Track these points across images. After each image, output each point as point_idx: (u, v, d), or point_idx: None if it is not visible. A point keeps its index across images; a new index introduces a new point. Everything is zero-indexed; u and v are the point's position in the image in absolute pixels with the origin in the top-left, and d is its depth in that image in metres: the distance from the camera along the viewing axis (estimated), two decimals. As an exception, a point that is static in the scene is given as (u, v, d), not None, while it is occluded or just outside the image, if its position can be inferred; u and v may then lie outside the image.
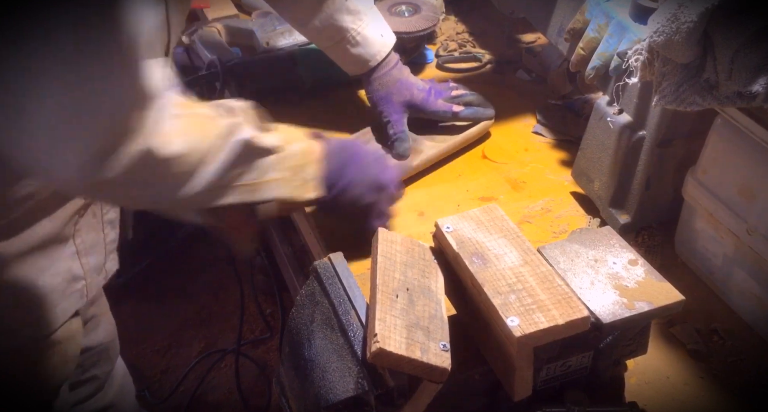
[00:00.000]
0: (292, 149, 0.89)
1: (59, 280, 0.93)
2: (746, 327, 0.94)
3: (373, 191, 0.98)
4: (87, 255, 0.97)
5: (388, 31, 1.18)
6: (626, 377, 0.85)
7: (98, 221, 1.00)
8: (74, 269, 0.95)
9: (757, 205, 0.87)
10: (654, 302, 0.74)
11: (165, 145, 0.72)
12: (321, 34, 1.14)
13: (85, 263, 0.97)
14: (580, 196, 1.14)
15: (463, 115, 1.18)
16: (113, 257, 1.05)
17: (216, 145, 0.80)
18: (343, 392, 0.71)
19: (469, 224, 0.81)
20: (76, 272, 0.96)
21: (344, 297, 0.77)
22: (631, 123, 1.01)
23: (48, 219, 0.89)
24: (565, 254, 0.80)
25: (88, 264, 0.97)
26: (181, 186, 0.78)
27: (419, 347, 0.68)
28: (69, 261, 0.94)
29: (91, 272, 0.98)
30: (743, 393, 0.87)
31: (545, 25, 1.18)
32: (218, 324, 2.08)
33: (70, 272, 0.95)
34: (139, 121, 0.68)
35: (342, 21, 1.12)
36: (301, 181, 0.91)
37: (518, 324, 0.68)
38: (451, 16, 1.62)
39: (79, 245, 0.95)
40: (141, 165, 0.71)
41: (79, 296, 0.97)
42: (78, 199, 0.93)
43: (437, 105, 1.17)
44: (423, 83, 1.19)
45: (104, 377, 1.25)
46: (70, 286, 0.95)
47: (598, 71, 1.01)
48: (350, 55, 1.15)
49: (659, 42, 0.78)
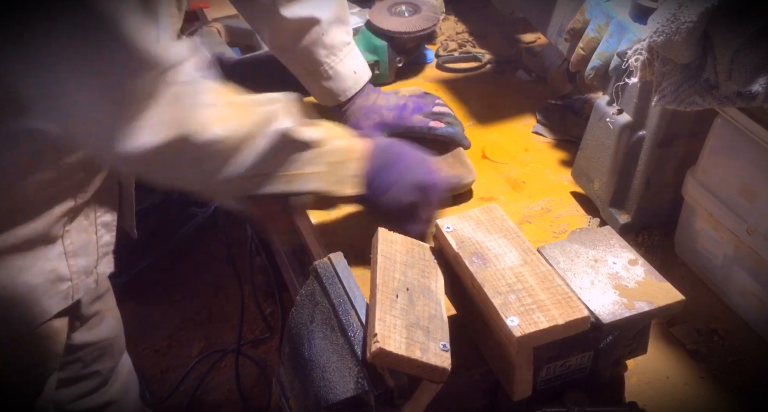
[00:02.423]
0: (333, 145, 0.89)
1: (41, 280, 0.93)
2: (746, 327, 0.94)
3: (416, 193, 0.95)
4: (75, 257, 0.97)
5: (363, 67, 1.18)
6: (626, 377, 0.85)
7: (91, 223, 0.99)
8: (60, 270, 0.95)
9: (757, 205, 0.87)
10: (654, 302, 0.74)
11: (202, 131, 0.76)
12: (297, 63, 1.15)
13: (72, 265, 0.96)
14: (580, 196, 1.14)
15: (439, 131, 1.15)
16: (107, 259, 1.04)
17: (253, 132, 0.81)
18: (343, 392, 0.71)
19: (469, 224, 0.81)
20: (62, 272, 0.95)
21: (344, 297, 0.77)
22: (631, 123, 1.01)
23: (32, 220, 0.89)
24: (565, 254, 0.80)
25: (75, 266, 0.97)
26: (217, 172, 0.80)
27: (419, 347, 0.68)
28: (55, 262, 0.94)
29: (79, 273, 0.98)
30: (743, 393, 0.87)
31: (545, 25, 1.17)
32: (218, 324, 2.08)
33: (54, 272, 0.94)
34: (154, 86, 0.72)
35: (317, 54, 1.12)
36: (339, 177, 0.90)
37: (518, 324, 0.68)
38: (451, 16, 1.62)
39: (67, 246, 0.95)
40: (177, 148, 0.75)
41: (64, 297, 0.97)
42: (69, 201, 0.93)
43: (412, 120, 1.15)
44: (396, 101, 1.17)
45: (107, 372, 1.24)
46: (53, 286, 0.95)
47: (598, 71, 1.01)
48: (322, 87, 1.16)
49: (659, 42, 0.78)
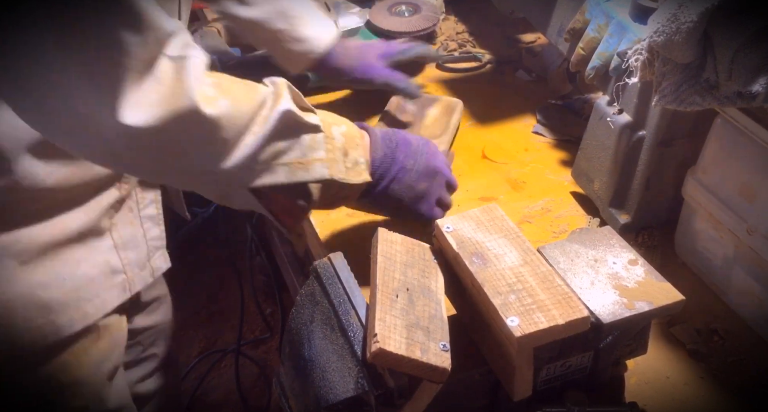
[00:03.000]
0: (337, 130, 0.86)
1: (98, 271, 0.93)
2: (746, 327, 0.94)
3: (427, 177, 0.93)
4: (126, 249, 0.97)
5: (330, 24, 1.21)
6: (626, 377, 0.85)
7: (135, 216, 0.99)
8: (113, 262, 0.95)
9: (757, 205, 0.87)
10: (654, 302, 0.74)
11: (207, 105, 0.71)
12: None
13: (124, 257, 0.96)
14: (580, 196, 1.14)
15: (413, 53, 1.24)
16: (161, 254, 1.04)
17: (259, 113, 0.77)
18: (343, 392, 0.71)
19: (469, 224, 0.81)
20: (115, 264, 0.95)
21: (344, 297, 0.77)
22: (631, 123, 1.01)
23: (80, 209, 0.89)
24: (565, 254, 0.80)
25: (127, 258, 0.97)
26: (224, 154, 0.75)
27: (419, 347, 0.68)
28: (107, 254, 0.94)
29: (132, 266, 0.98)
30: (743, 393, 0.87)
31: (545, 25, 1.17)
32: (218, 324, 2.08)
33: (108, 264, 0.94)
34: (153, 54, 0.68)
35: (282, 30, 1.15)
36: (351, 163, 0.86)
37: (518, 324, 0.68)
38: (451, 16, 1.62)
39: (116, 239, 0.95)
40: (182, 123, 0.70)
41: (121, 290, 0.97)
42: (112, 190, 0.93)
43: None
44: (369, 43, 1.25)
45: (162, 356, 1.28)
46: (109, 278, 0.95)
47: (598, 71, 1.01)
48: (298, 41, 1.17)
49: (659, 42, 0.78)
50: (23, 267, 0.86)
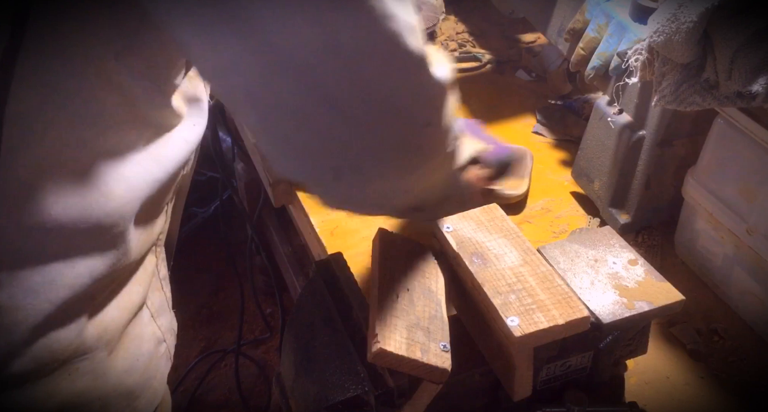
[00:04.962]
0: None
1: (151, 345, 0.86)
2: (746, 327, 0.94)
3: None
4: (159, 317, 0.89)
5: None
6: (626, 377, 0.85)
7: (157, 280, 0.90)
8: (156, 333, 0.88)
9: (757, 205, 0.87)
10: (654, 302, 0.74)
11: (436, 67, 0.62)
12: None
13: (161, 325, 0.89)
14: (580, 196, 1.14)
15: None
16: (173, 315, 0.95)
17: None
18: (343, 392, 0.71)
19: (469, 224, 0.81)
20: (158, 334, 0.88)
21: (344, 297, 0.77)
22: (631, 123, 1.01)
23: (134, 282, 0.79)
24: (565, 254, 0.80)
25: (163, 326, 0.89)
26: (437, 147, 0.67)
27: (419, 348, 0.68)
28: (150, 325, 0.86)
29: (166, 333, 0.91)
30: (743, 393, 0.87)
31: (545, 25, 1.17)
32: (218, 324, 2.08)
33: (155, 335, 0.87)
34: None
35: None
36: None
37: (518, 324, 0.68)
38: (451, 16, 1.62)
39: (150, 308, 0.87)
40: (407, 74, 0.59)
41: (167, 359, 0.90)
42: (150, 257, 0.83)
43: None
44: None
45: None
46: (158, 350, 0.88)
47: (598, 71, 1.01)
48: None
49: (659, 42, 0.78)
50: (111, 357, 0.78)
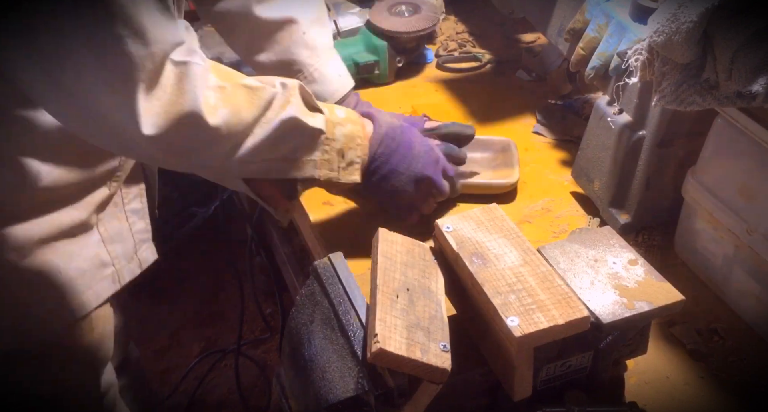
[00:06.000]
0: (340, 131, 0.90)
1: (88, 264, 0.97)
2: (746, 327, 0.94)
3: (412, 184, 0.97)
4: (113, 243, 1.01)
5: (347, 73, 1.14)
6: (626, 377, 0.85)
7: (120, 210, 1.03)
8: (102, 255, 0.99)
9: (757, 205, 0.87)
10: (654, 302, 0.74)
11: (211, 113, 0.77)
12: (275, 68, 1.08)
13: (111, 250, 1.00)
14: (580, 196, 1.14)
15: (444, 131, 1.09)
16: (147, 246, 1.08)
17: (261, 118, 0.83)
18: (343, 392, 0.71)
19: (469, 224, 0.81)
20: (104, 258, 0.99)
21: (344, 297, 0.77)
22: (631, 123, 1.01)
23: (72, 207, 0.93)
24: (565, 254, 0.80)
25: (115, 251, 1.01)
26: (228, 154, 0.82)
27: (419, 348, 0.68)
28: (95, 248, 0.98)
29: (119, 258, 1.02)
30: (743, 393, 0.87)
31: (545, 25, 1.18)
32: (218, 324, 2.08)
33: (98, 257, 0.98)
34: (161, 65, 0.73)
35: (299, 55, 1.08)
36: (345, 164, 0.92)
37: (518, 324, 0.68)
38: (451, 16, 1.62)
39: (103, 233, 0.99)
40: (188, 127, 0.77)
41: (111, 282, 1.01)
42: (103, 188, 0.97)
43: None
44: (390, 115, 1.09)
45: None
46: (99, 271, 0.99)
47: (598, 71, 1.01)
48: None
49: (659, 42, 0.78)
50: (22, 260, 0.90)
